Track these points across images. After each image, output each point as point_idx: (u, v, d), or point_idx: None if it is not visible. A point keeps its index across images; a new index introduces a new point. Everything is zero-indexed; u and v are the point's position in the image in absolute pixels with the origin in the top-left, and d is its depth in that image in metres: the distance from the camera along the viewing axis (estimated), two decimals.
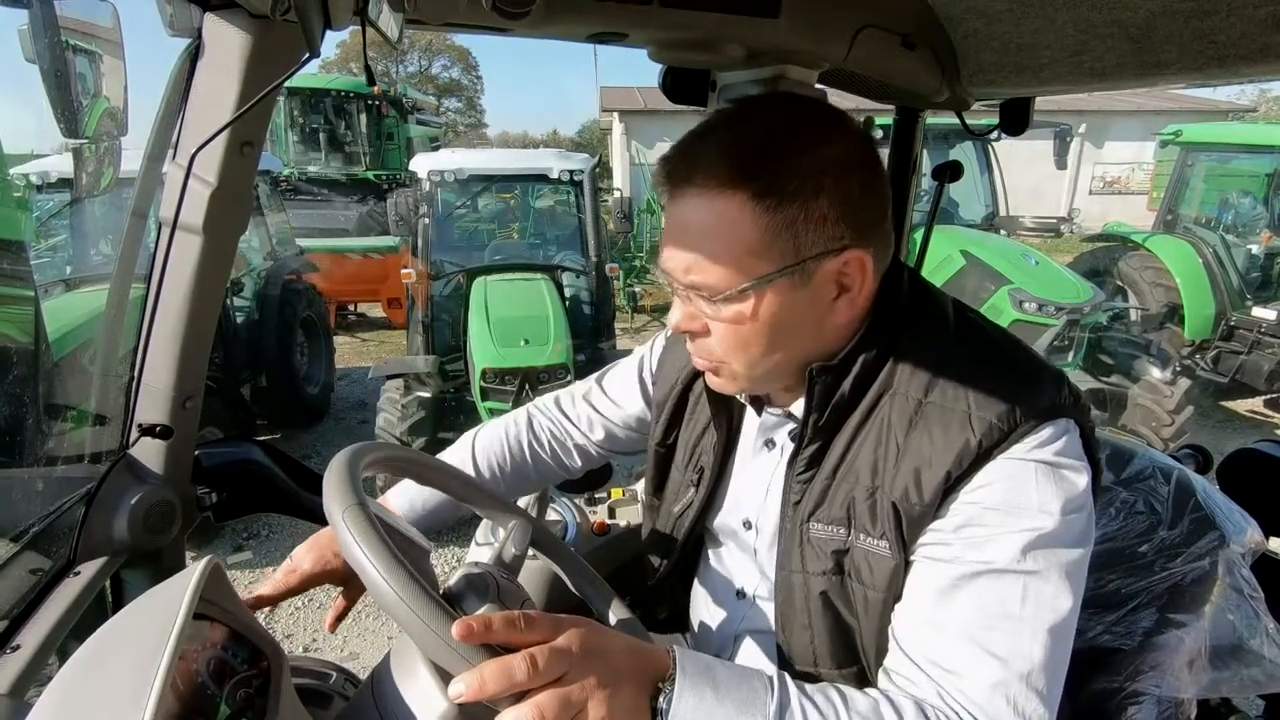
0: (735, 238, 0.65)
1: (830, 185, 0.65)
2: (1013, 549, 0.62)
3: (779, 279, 0.66)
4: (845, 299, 0.70)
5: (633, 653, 0.58)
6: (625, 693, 0.54)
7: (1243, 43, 0.83)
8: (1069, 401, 0.68)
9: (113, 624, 0.65)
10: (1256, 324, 5.54)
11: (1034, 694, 0.60)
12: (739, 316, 0.68)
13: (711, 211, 0.66)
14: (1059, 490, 0.64)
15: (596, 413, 1.08)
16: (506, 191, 6.67)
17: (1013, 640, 0.61)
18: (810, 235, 0.66)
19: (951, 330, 0.74)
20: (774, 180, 0.64)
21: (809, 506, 0.74)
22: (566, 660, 0.53)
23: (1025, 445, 0.64)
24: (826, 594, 0.73)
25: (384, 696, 0.62)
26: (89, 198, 3.25)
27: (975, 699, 0.60)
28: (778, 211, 0.64)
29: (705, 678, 0.57)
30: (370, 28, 0.68)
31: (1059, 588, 0.62)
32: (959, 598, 0.63)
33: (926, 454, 0.66)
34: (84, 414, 1.03)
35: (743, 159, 0.65)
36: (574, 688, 0.53)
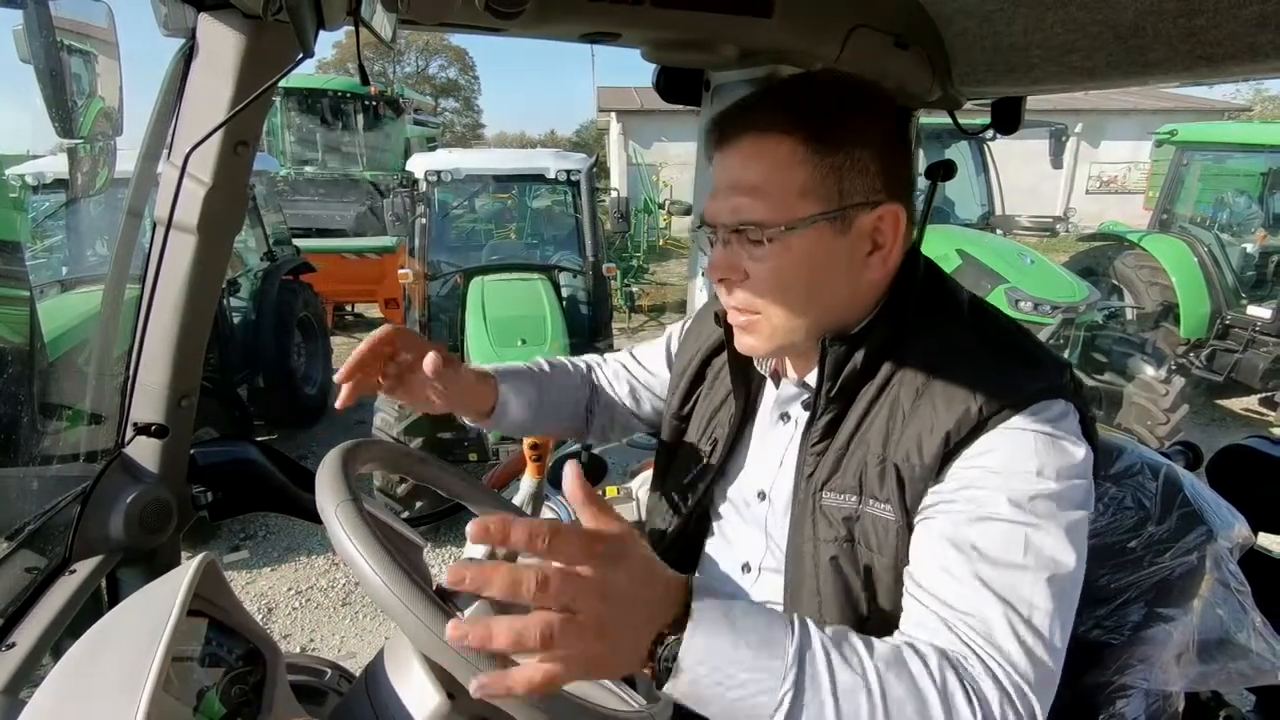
0: (785, 177, 0.70)
1: (873, 140, 0.71)
2: (1013, 502, 0.64)
3: (822, 221, 0.70)
4: (878, 256, 0.74)
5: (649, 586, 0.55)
6: (632, 631, 0.53)
7: (1230, 42, 0.83)
8: (1070, 388, 0.70)
9: (107, 621, 0.65)
10: (1251, 322, 5.56)
11: (1040, 640, 0.61)
12: (782, 256, 0.71)
13: (762, 153, 0.71)
14: (1057, 457, 0.65)
15: (631, 375, 1.11)
16: (503, 191, 6.66)
17: (1016, 585, 0.62)
18: (853, 183, 0.70)
19: (964, 314, 0.77)
20: (825, 128, 0.70)
21: (822, 476, 0.76)
22: (570, 587, 0.49)
23: (1025, 417, 0.66)
24: (836, 560, 0.74)
25: (378, 692, 0.62)
26: (84, 198, 3.25)
27: (989, 637, 0.60)
28: (825, 156, 0.69)
29: (722, 616, 0.54)
30: (364, 28, 0.68)
31: (1060, 543, 0.63)
32: (964, 545, 0.65)
33: (929, 421, 0.69)
34: (79, 413, 1.04)
35: (797, 108, 0.71)
36: (578, 621, 0.49)
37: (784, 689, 0.53)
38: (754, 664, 0.53)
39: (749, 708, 0.53)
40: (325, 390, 5.63)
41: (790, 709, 0.53)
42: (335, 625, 3.18)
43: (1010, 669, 0.59)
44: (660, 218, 12.71)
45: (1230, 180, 6.25)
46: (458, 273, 4.83)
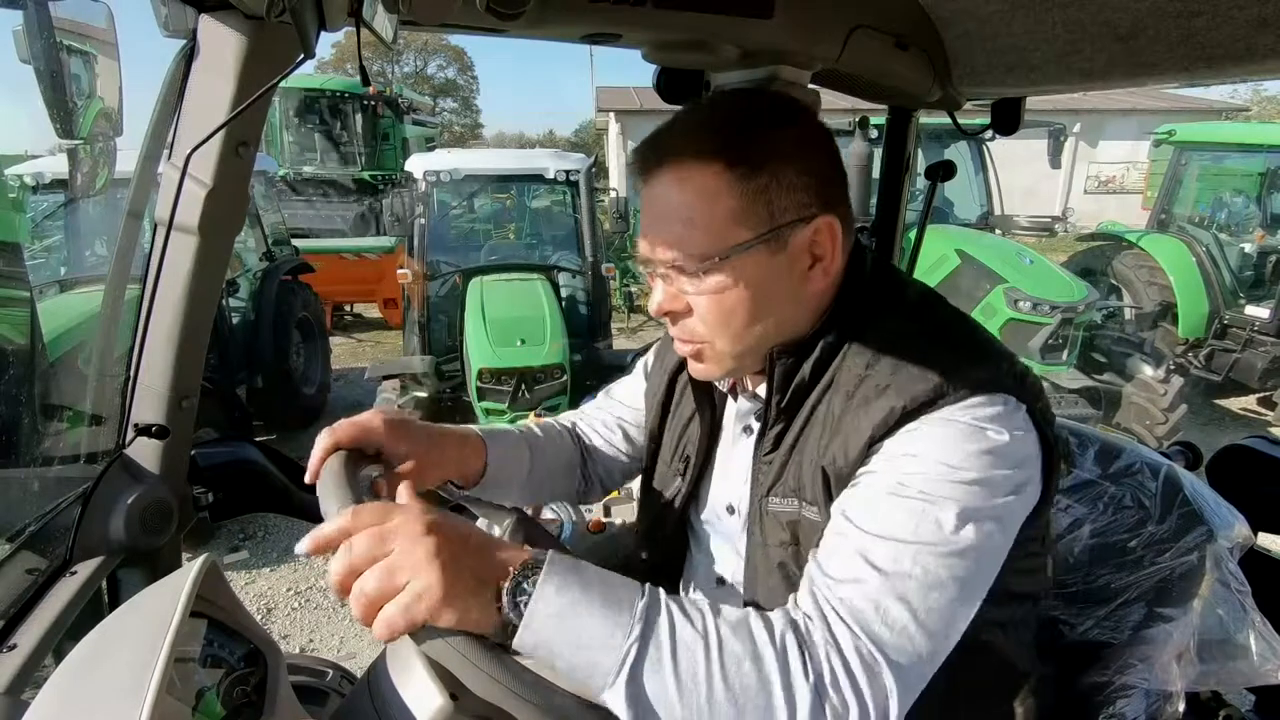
0: (713, 207, 0.68)
1: (798, 156, 0.71)
2: (912, 475, 0.63)
3: (757, 245, 0.69)
4: (819, 268, 0.73)
5: (478, 538, 0.59)
6: (459, 569, 0.55)
7: (1229, 43, 0.84)
8: (1011, 382, 0.68)
9: (109, 622, 0.65)
10: (1249, 322, 5.58)
11: (914, 618, 0.59)
12: (721, 286, 0.70)
13: (688, 185, 0.69)
14: (977, 444, 0.63)
15: (615, 416, 1.09)
16: (502, 192, 6.66)
17: (898, 559, 0.60)
18: (783, 201, 0.69)
19: (904, 310, 0.76)
20: (745, 151, 0.68)
21: (768, 483, 0.77)
22: (383, 539, 0.55)
23: (950, 409, 0.65)
24: (784, 565, 0.75)
25: (380, 693, 0.62)
26: (84, 198, 3.25)
27: (852, 607, 0.59)
28: (751, 179, 0.68)
29: (574, 570, 0.57)
30: (365, 29, 0.68)
31: (959, 521, 0.61)
32: (855, 518, 0.64)
33: (855, 423, 0.68)
34: (80, 414, 1.04)
35: (713, 134, 0.70)
36: (393, 557, 0.54)
37: (628, 643, 0.54)
38: (602, 617, 0.55)
39: (592, 663, 0.54)
40: (324, 390, 5.63)
41: (633, 666, 0.54)
42: (335, 626, 3.17)
43: (868, 641, 0.57)
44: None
45: (1228, 180, 6.26)
46: (457, 273, 4.83)
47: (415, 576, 0.53)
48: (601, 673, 0.54)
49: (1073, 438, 1.18)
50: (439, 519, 0.58)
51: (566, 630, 0.54)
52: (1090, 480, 1.12)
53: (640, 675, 0.54)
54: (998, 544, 0.65)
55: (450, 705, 0.58)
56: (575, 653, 0.54)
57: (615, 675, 0.54)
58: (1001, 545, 0.65)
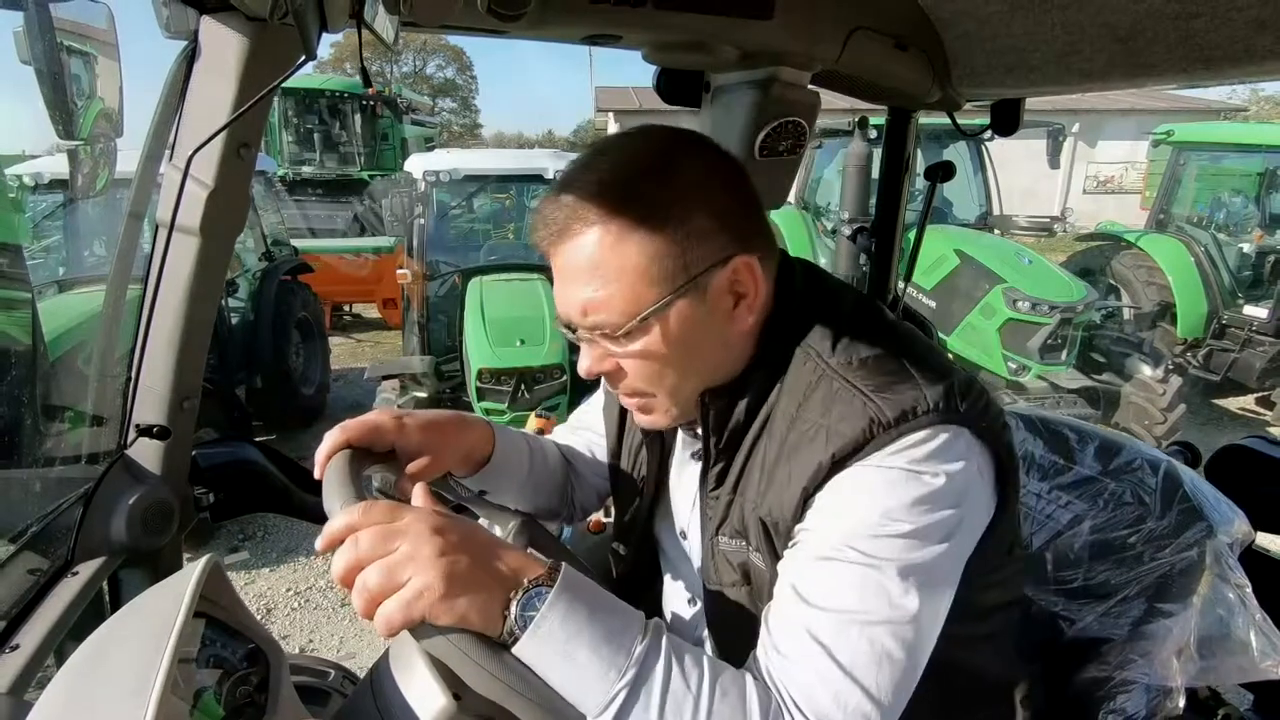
0: (623, 270, 0.66)
1: (702, 201, 0.67)
2: (851, 544, 0.62)
3: (675, 300, 0.67)
4: (744, 305, 0.71)
5: (486, 541, 0.60)
6: (463, 570, 0.55)
7: (1228, 45, 0.84)
8: (946, 405, 0.64)
9: (113, 622, 0.65)
10: (1248, 322, 5.59)
11: (865, 695, 0.59)
12: (647, 346, 0.69)
13: (593, 252, 0.66)
14: (912, 491, 0.62)
15: (584, 439, 1.07)
16: (501, 192, 6.66)
17: (843, 633, 0.60)
18: (694, 252, 0.66)
19: (836, 332, 0.71)
20: (645, 208, 0.65)
21: (716, 521, 0.76)
22: (390, 536, 0.55)
23: (881, 454, 0.63)
24: (741, 605, 0.75)
25: (383, 693, 0.62)
26: (84, 199, 3.24)
27: (802, 687, 0.59)
28: (656, 237, 0.65)
29: (583, 598, 0.57)
30: (366, 30, 0.69)
31: (904, 586, 0.60)
32: (799, 590, 0.63)
33: (788, 473, 0.67)
34: (81, 415, 1.04)
35: (609, 196, 0.66)
36: (397, 554, 0.54)
37: (620, 686, 0.55)
38: (599, 654, 0.56)
39: (582, 693, 0.55)
40: (323, 391, 5.62)
41: (620, 708, 0.55)
42: (335, 626, 3.17)
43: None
44: None
45: (1227, 180, 6.28)
46: (456, 273, 4.83)
47: (417, 574, 0.54)
48: (589, 706, 0.55)
49: (1072, 434, 1.18)
50: (448, 521, 0.58)
51: (564, 658, 0.55)
52: (1090, 476, 1.12)
53: (626, 716, 0.55)
54: (943, 594, 0.64)
55: (453, 705, 0.58)
56: (568, 680, 0.56)
57: (601, 712, 0.55)
58: (945, 592, 0.64)
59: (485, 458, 0.88)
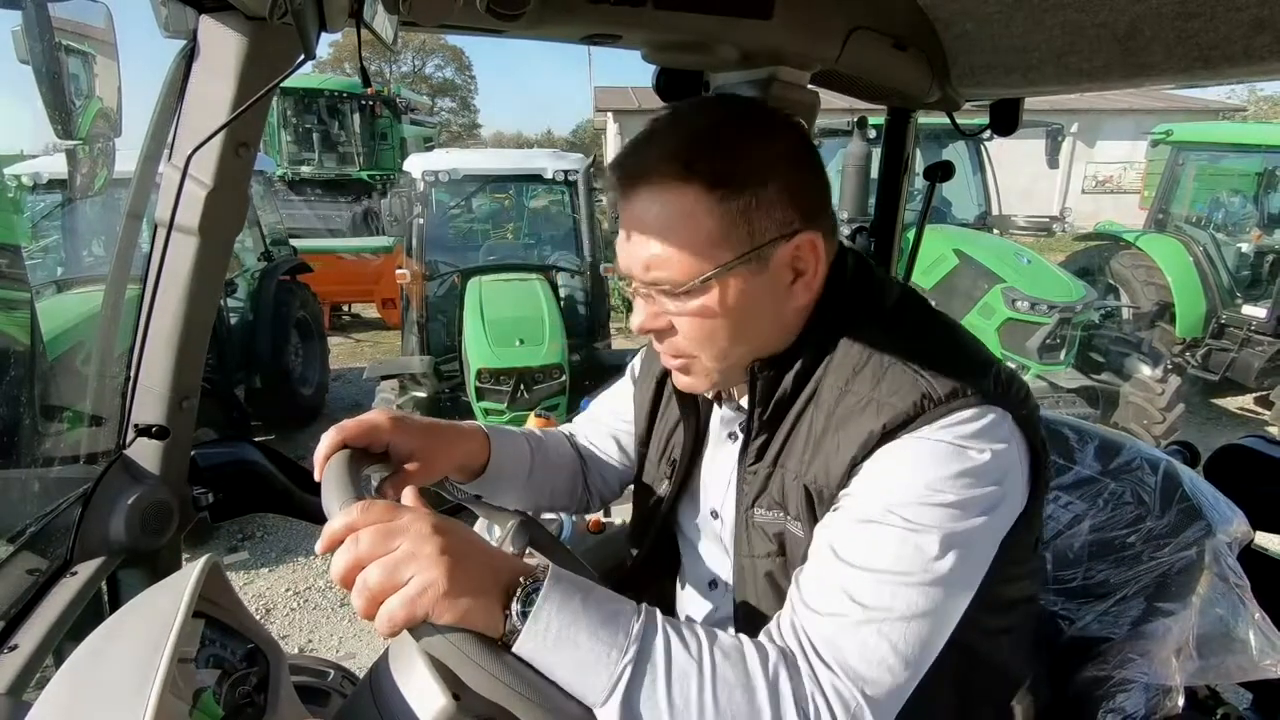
0: (693, 229, 0.67)
1: (779, 172, 0.69)
2: (893, 508, 0.62)
3: (738, 266, 0.68)
4: (801, 282, 0.72)
5: (483, 543, 0.60)
6: (464, 568, 0.55)
7: (1226, 45, 0.84)
8: (991, 389, 0.67)
9: (112, 622, 0.65)
10: (1246, 322, 5.59)
11: (893, 650, 0.59)
12: (703, 307, 0.70)
13: (667, 206, 0.68)
14: (958, 464, 0.63)
15: (607, 425, 1.08)
16: (501, 192, 6.66)
17: (877, 591, 0.60)
18: (764, 221, 0.68)
19: (886, 318, 0.75)
20: (725, 171, 0.67)
21: (753, 493, 0.77)
22: (390, 535, 0.55)
23: (930, 428, 0.64)
24: (771, 575, 0.75)
25: (382, 692, 0.62)
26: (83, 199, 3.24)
27: (834, 645, 0.60)
28: (731, 200, 0.67)
29: (576, 587, 0.58)
30: (365, 30, 0.69)
31: (941, 549, 0.61)
32: (835, 548, 0.64)
33: (837, 442, 0.68)
34: (80, 415, 1.04)
35: (693, 153, 0.68)
36: (399, 553, 0.54)
37: (623, 664, 0.55)
38: (599, 637, 0.56)
39: (586, 680, 0.55)
40: (322, 390, 5.62)
41: (627, 686, 0.55)
42: (334, 626, 3.17)
43: (848, 682, 0.58)
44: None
45: (1225, 180, 6.28)
46: (455, 273, 4.83)
47: (419, 572, 0.54)
48: (595, 690, 0.55)
49: (1072, 434, 1.18)
50: (446, 522, 0.58)
51: (564, 646, 0.55)
52: (1090, 476, 1.12)
53: (635, 696, 0.55)
54: (977, 566, 0.65)
55: (453, 705, 0.58)
56: (571, 669, 0.55)
57: (609, 694, 0.55)
58: (981, 566, 0.65)
59: (480, 466, 0.89)
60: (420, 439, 0.79)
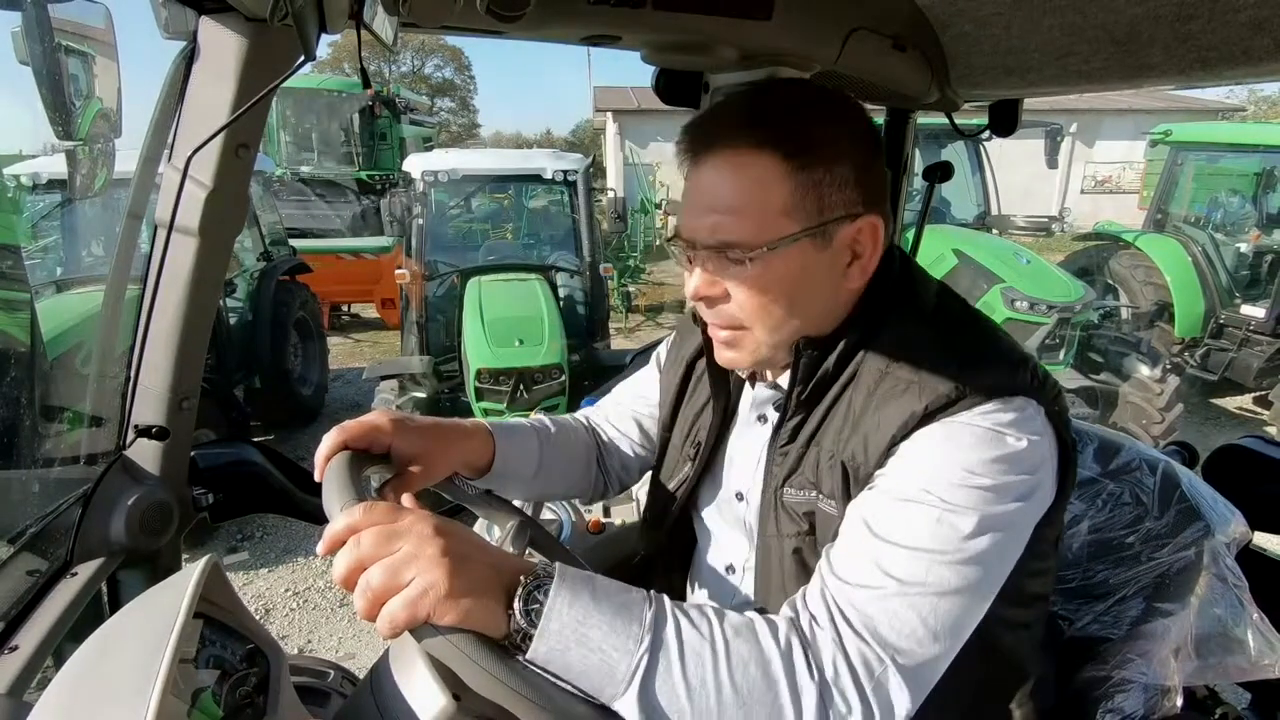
0: (765, 196, 0.68)
1: (850, 152, 0.70)
2: (930, 487, 0.63)
3: (804, 238, 0.69)
4: (857, 265, 0.73)
5: (485, 544, 0.60)
6: (466, 569, 0.55)
7: (1225, 46, 0.84)
8: (1028, 383, 0.68)
9: (113, 623, 0.65)
10: (1245, 322, 5.60)
11: (923, 622, 0.59)
12: (764, 276, 0.70)
13: (741, 170, 0.69)
14: (994, 451, 0.64)
15: (630, 407, 1.08)
16: (500, 192, 6.66)
17: (910, 565, 0.61)
18: (833, 198, 0.70)
19: (928, 312, 0.76)
20: (801, 142, 0.68)
21: (784, 473, 0.77)
22: (391, 537, 0.56)
23: (969, 413, 0.65)
24: (800, 551, 0.75)
25: (383, 693, 0.62)
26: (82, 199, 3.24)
27: (858, 606, 0.60)
28: (804, 172, 0.68)
29: (583, 582, 0.58)
30: (365, 31, 0.69)
31: (975, 529, 0.62)
32: (870, 522, 0.65)
33: (877, 420, 0.69)
34: (80, 415, 1.04)
35: (771, 121, 0.69)
36: (400, 554, 0.55)
37: (640, 654, 0.55)
38: (613, 629, 0.56)
39: (605, 673, 0.55)
40: (322, 391, 5.62)
41: (644, 675, 0.55)
42: (333, 626, 3.17)
43: (876, 646, 0.58)
44: (657, 218, 12.74)
45: (1224, 180, 6.28)
46: (455, 273, 4.82)
47: (421, 574, 0.54)
48: (614, 682, 0.55)
49: None
50: (447, 523, 0.58)
51: (579, 642, 0.55)
52: (1089, 477, 1.13)
53: (651, 683, 0.55)
54: (1010, 550, 0.65)
55: (453, 705, 0.58)
56: (588, 664, 0.55)
57: (627, 684, 0.55)
58: (1014, 551, 0.66)
59: (485, 465, 0.89)
60: (422, 440, 0.79)
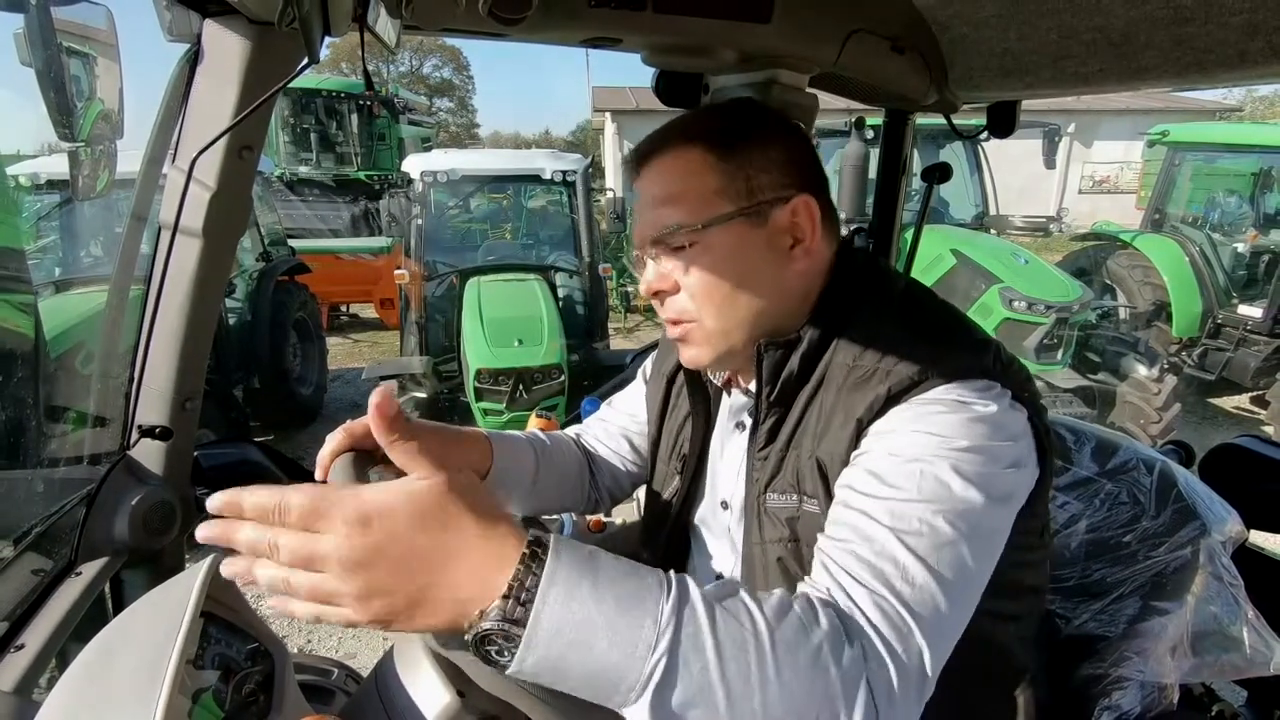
0: (698, 183, 0.74)
1: (775, 142, 0.77)
2: (910, 454, 0.63)
3: (738, 218, 0.74)
4: (800, 249, 0.76)
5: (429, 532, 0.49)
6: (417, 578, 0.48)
7: (1220, 49, 0.85)
8: (992, 367, 0.69)
9: (119, 622, 0.66)
10: (1242, 321, 5.61)
11: (926, 571, 0.57)
12: (704, 257, 0.74)
13: (674, 164, 0.76)
14: (968, 415, 0.64)
15: (618, 425, 1.09)
16: (499, 192, 6.67)
17: (901, 514, 0.59)
18: (762, 179, 0.74)
19: (892, 306, 0.77)
20: (725, 135, 0.75)
21: (765, 479, 0.77)
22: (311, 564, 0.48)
23: (935, 391, 0.66)
24: (782, 560, 0.75)
25: (388, 690, 0.63)
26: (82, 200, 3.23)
27: (864, 562, 0.58)
28: (731, 159, 0.74)
29: (582, 571, 0.49)
30: (368, 33, 0.69)
31: (959, 480, 0.61)
32: (856, 486, 0.65)
33: (845, 411, 0.70)
34: (84, 416, 1.04)
35: (698, 123, 0.78)
36: (326, 588, 0.48)
37: (653, 659, 0.47)
38: (619, 626, 0.47)
39: (611, 682, 0.47)
40: (321, 391, 5.62)
41: (663, 677, 0.47)
42: (332, 627, 3.17)
43: (893, 600, 0.55)
44: None
45: (1222, 180, 6.30)
46: (454, 273, 4.83)
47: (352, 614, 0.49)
48: (623, 690, 0.47)
49: (1069, 434, 1.19)
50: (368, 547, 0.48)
51: (577, 648, 0.47)
52: (1087, 477, 1.13)
53: (668, 689, 0.47)
54: (999, 515, 0.64)
55: (458, 702, 0.59)
56: (588, 672, 0.48)
57: (640, 692, 0.47)
58: (1003, 518, 0.64)
59: (484, 472, 0.88)
60: (424, 442, 0.79)
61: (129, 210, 0.95)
